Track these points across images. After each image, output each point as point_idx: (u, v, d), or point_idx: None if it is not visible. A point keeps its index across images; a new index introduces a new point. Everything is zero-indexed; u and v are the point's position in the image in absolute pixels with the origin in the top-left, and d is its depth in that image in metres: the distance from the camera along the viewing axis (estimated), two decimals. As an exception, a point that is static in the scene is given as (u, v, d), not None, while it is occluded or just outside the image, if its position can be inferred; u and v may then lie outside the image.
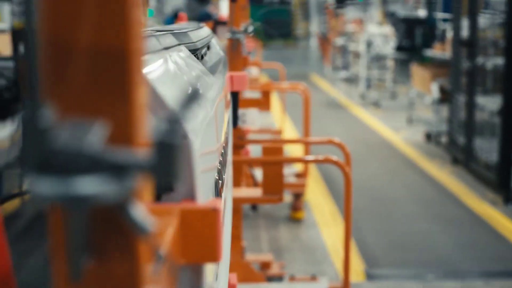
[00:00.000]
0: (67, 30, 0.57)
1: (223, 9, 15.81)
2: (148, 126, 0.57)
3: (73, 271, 0.57)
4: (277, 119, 11.54)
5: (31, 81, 0.50)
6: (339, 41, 19.11)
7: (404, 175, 8.91)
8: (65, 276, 0.58)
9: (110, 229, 0.59)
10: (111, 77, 0.56)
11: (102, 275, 0.60)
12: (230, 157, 2.95)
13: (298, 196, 7.19)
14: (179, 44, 1.49)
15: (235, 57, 4.27)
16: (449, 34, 10.55)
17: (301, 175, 7.40)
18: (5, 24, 7.16)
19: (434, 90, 10.24)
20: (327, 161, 3.91)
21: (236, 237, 4.42)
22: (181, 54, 1.46)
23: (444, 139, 10.13)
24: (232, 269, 4.45)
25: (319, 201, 7.74)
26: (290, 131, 11.29)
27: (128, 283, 0.60)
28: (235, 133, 4.42)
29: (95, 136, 0.53)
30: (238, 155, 4.43)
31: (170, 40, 1.42)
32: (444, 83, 10.11)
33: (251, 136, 9.68)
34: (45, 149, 0.51)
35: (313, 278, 4.94)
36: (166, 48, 1.28)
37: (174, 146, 0.55)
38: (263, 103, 7.47)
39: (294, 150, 9.75)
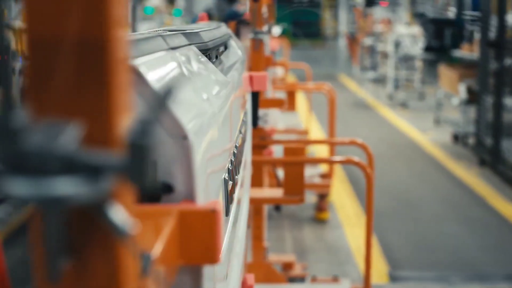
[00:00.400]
0: (38, 25, 0.56)
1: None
2: (125, 127, 0.57)
3: (51, 272, 0.57)
4: (304, 120, 11.52)
5: (3, 81, 0.50)
6: (367, 41, 19.03)
7: (431, 176, 8.85)
8: (44, 277, 0.57)
9: (89, 231, 0.59)
10: (87, 75, 0.55)
11: (81, 277, 0.59)
12: (248, 157, 2.95)
13: (322, 197, 7.17)
14: (189, 44, 1.49)
15: (257, 57, 4.26)
16: (477, 35, 10.46)
17: (326, 176, 7.37)
18: None
19: (462, 91, 10.16)
20: (348, 162, 3.89)
21: (257, 238, 4.41)
22: (190, 54, 1.45)
23: (471, 140, 10.04)
24: (253, 269, 4.45)
25: (344, 202, 7.71)
26: (316, 132, 11.25)
27: (107, 284, 0.59)
28: (256, 133, 4.41)
29: (69, 137, 0.52)
30: (260, 155, 4.42)
31: (179, 40, 1.42)
32: (471, 84, 10.02)
33: (276, 136, 9.67)
34: (19, 150, 0.51)
35: (335, 279, 4.92)
36: (173, 48, 1.28)
37: (146, 147, 0.54)
38: (288, 103, 7.46)
39: (319, 151, 9.71)
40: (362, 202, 7.59)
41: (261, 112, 4.25)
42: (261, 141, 4.35)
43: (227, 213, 1.54)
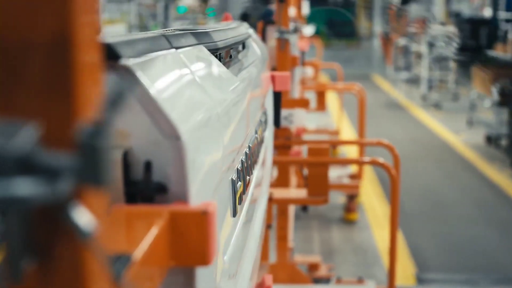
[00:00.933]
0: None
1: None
2: (81, 128, 0.56)
3: (13, 272, 0.57)
4: (336, 120, 11.46)
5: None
6: (401, 41, 18.90)
7: (462, 177, 8.76)
8: (6, 278, 0.57)
9: (53, 231, 0.58)
10: (44, 74, 0.54)
11: (45, 277, 0.59)
12: (268, 157, 2.93)
13: (351, 198, 7.13)
14: (197, 44, 1.48)
15: (282, 57, 4.24)
16: (511, 35, 10.34)
17: (355, 176, 7.33)
18: None
19: (494, 93, 10.05)
20: (373, 163, 3.86)
21: (282, 238, 4.40)
22: (196, 54, 1.45)
23: (504, 142, 9.93)
24: (277, 270, 4.44)
25: (373, 203, 7.66)
26: (348, 132, 11.20)
27: (71, 285, 0.58)
28: (281, 133, 4.40)
29: (26, 137, 0.52)
30: (285, 156, 4.41)
31: (186, 40, 1.41)
32: (505, 85, 9.90)
33: (307, 136, 9.65)
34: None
35: (360, 281, 4.89)
36: (177, 48, 1.27)
37: (98, 148, 0.54)
38: (317, 104, 7.44)
39: (350, 151, 9.67)
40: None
41: (286, 112, 4.24)
42: (287, 141, 4.34)
43: (234, 213, 1.53)
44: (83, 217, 0.57)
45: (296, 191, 3.99)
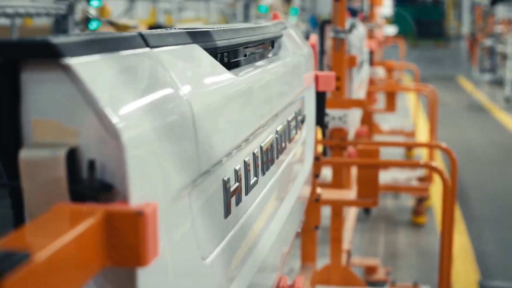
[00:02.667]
0: None
1: (365, 5, 15.58)
2: None
3: None
4: (414, 121, 11.28)
5: None
6: (487, 42, 18.48)
7: (540, 184, 8.50)
8: None
9: None
10: None
11: None
12: (306, 157, 2.90)
13: (420, 201, 7.01)
14: (190, 43, 1.47)
15: (338, 57, 4.19)
16: None
17: (425, 179, 7.20)
18: None
19: None
20: (427, 167, 3.78)
21: (336, 240, 4.34)
22: (185, 53, 1.44)
23: None
24: (330, 272, 4.39)
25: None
26: (427, 134, 11.01)
27: None
28: (336, 133, 4.35)
29: None
30: (340, 157, 4.36)
31: (174, 39, 1.41)
32: None
33: (382, 138, 9.53)
34: None
35: (415, 285, 4.79)
36: (154, 47, 1.26)
37: None
38: (386, 104, 7.34)
39: (425, 154, 9.50)
40: (463, 207, 7.38)
41: (340, 112, 4.19)
42: (341, 141, 4.29)
43: (226, 214, 1.51)
44: None
45: (345, 192, 3.94)
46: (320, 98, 3.07)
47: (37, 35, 1.12)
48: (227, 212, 1.51)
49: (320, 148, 3.70)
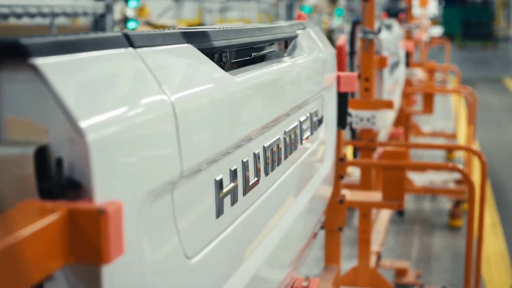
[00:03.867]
0: None
1: (414, 6, 15.44)
2: None
3: None
4: (456, 123, 11.16)
5: None
6: (535, 43, 18.17)
7: None
8: None
9: None
10: None
11: None
12: (326, 157, 2.89)
13: (458, 203, 6.93)
14: (184, 44, 1.48)
15: (366, 57, 4.17)
16: None
17: (462, 182, 7.11)
18: None
19: None
20: (453, 169, 3.74)
21: (364, 241, 4.32)
22: (176, 53, 1.44)
23: None
24: (358, 274, 4.37)
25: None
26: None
27: None
28: (365, 135, 4.33)
29: None
30: (369, 158, 4.33)
31: (164, 39, 1.41)
32: None
33: (421, 140, 9.44)
34: None
35: (444, 289, 4.75)
36: (139, 47, 1.27)
37: None
38: (424, 106, 7.27)
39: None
40: (501, 210, 7.28)
41: (368, 113, 4.17)
42: (369, 143, 4.26)
43: (218, 214, 1.52)
44: None
45: (371, 194, 3.91)
46: (342, 99, 3.06)
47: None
48: (219, 212, 1.51)
49: (348, 150, 3.68)
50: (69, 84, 1.02)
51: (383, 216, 5.75)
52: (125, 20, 6.97)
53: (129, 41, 1.27)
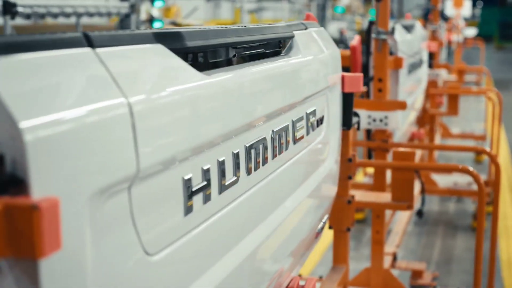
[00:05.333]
0: None
1: (448, 5, 15.33)
2: None
3: None
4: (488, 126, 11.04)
5: None
6: None
7: None
8: None
9: None
10: None
11: None
12: (329, 158, 2.89)
13: (482, 205, 6.87)
14: (154, 43, 1.50)
15: (380, 58, 4.16)
16: None
17: (487, 183, 7.05)
18: None
19: None
20: (463, 170, 3.72)
21: (377, 242, 4.32)
22: (144, 53, 1.47)
23: None
24: (371, 275, 4.37)
25: (507, 212, 7.34)
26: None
27: None
28: (378, 135, 4.32)
29: None
30: (382, 159, 4.33)
31: (142, 39, 1.44)
32: None
33: (450, 141, 9.36)
34: None
35: (458, 291, 4.71)
36: (98, 47, 1.30)
37: None
38: (448, 107, 7.22)
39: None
40: (527, 213, 7.20)
41: (381, 114, 4.16)
42: (382, 143, 4.26)
43: (186, 212, 1.53)
44: None
45: (382, 195, 3.91)
46: (347, 99, 3.06)
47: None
48: (188, 210, 1.53)
49: (358, 150, 3.67)
50: (13, 85, 1.05)
51: (402, 217, 5.74)
52: (151, 20, 7.03)
53: (88, 41, 1.29)
